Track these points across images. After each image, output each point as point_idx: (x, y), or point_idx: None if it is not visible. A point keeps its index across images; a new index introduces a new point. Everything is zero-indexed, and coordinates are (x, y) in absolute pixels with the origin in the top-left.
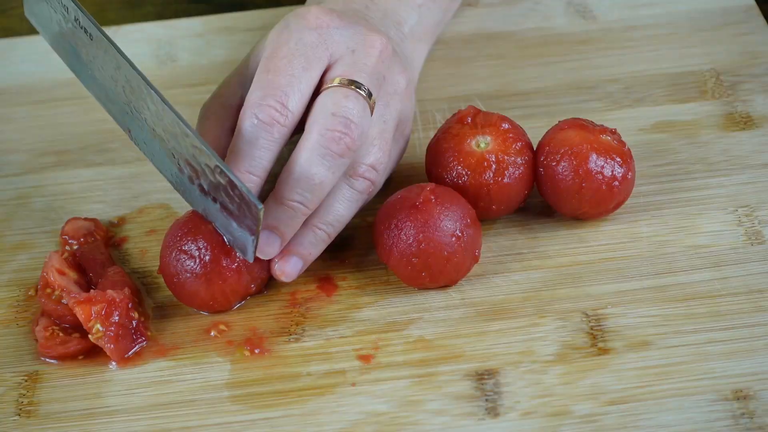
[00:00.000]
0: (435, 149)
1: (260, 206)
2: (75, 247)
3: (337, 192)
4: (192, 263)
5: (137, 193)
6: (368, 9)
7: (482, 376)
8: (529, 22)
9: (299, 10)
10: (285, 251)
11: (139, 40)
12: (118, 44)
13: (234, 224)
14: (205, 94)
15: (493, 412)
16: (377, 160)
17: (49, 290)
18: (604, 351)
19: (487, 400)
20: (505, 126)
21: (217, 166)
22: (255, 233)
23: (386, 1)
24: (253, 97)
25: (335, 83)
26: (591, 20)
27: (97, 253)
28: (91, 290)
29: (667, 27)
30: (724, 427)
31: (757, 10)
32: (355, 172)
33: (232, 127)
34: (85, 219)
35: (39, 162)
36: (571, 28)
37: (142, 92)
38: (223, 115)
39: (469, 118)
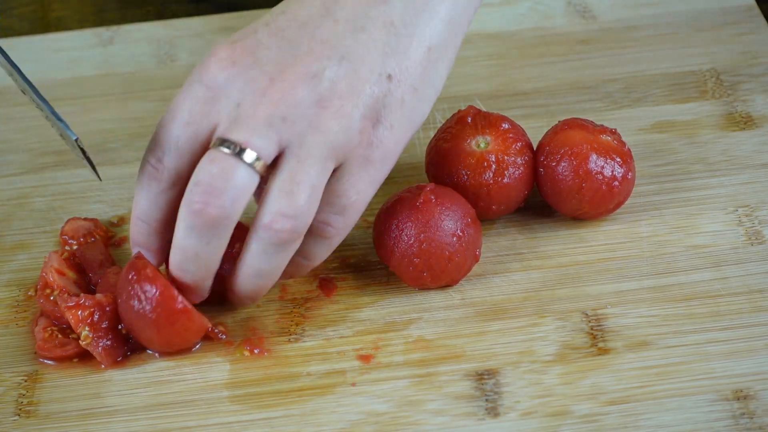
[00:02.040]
0: (435, 149)
1: (74, 136)
2: (75, 247)
3: (247, 246)
4: (141, 308)
5: None
6: (329, 11)
7: (482, 376)
8: (529, 22)
9: (213, 47)
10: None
11: (139, 40)
12: (118, 44)
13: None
14: None
15: (493, 412)
16: (287, 205)
17: (48, 291)
18: (604, 351)
19: (487, 400)
20: (505, 126)
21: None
22: (87, 159)
23: None
24: (146, 148)
25: (212, 147)
26: (591, 20)
27: (96, 253)
28: (81, 296)
29: (667, 27)
30: (724, 427)
31: (757, 10)
32: (258, 224)
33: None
34: (85, 219)
35: (39, 162)
36: (571, 28)
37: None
38: None
39: (469, 118)
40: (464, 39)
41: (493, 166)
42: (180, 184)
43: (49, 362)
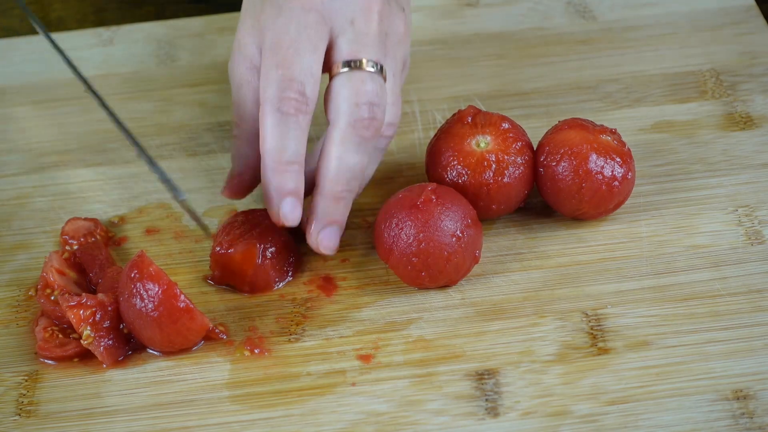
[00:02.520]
0: (435, 149)
1: (183, 196)
2: (75, 247)
3: (349, 147)
4: (143, 306)
5: (137, 193)
6: None
7: (482, 376)
8: (529, 22)
9: None
10: (321, 224)
11: (139, 40)
12: (118, 44)
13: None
14: (205, 94)
15: (493, 412)
16: (394, 115)
17: (48, 291)
18: (604, 351)
19: (487, 400)
20: (505, 126)
21: (147, 160)
22: (196, 218)
23: None
24: (269, 93)
25: (347, 68)
26: (591, 20)
27: (97, 253)
28: (83, 295)
29: (667, 27)
30: (724, 427)
31: (757, 10)
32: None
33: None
34: (85, 219)
35: (39, 162)
36: (571, 28)
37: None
38: (253, 77)
39: (469, 118)
40: (464, 39)
41: (493, 166)
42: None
43: (50, 362)
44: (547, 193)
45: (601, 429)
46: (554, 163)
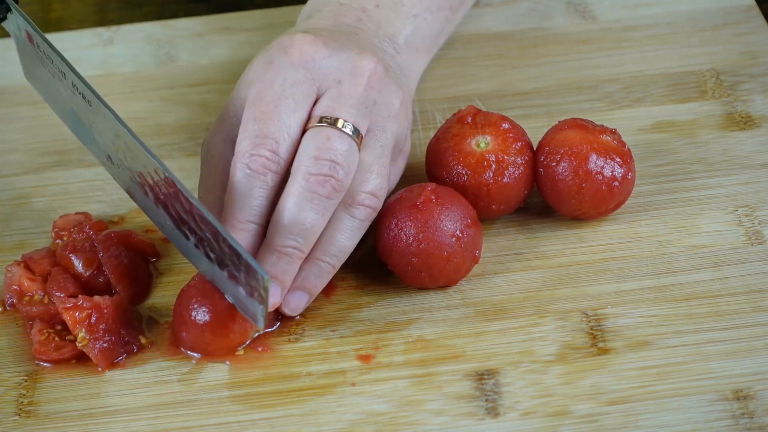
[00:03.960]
0: (435, 149)
1: (266, 277)
2: (65, 239)
3: (337, 223)
4: (202, 319)
5: None
6: (360, 21)
7: (482, 376)
8: (529, 22)
9: (283, 41)
10: (291, 287)
11: (139, 40)
12: (119, 44)
13: (241, 290)
14: (205, 94)
15: (493, 412)
16: (376, 186)
17: (27, 297)
18: (604, 351)
19: (487, 400)
20: (505, 126)
21: (222, 237)
22: (264, 302)
23: (379, 12)
24: (242, 146)
25: (319, 123)
26: (591, 20)
27: (86, 243)
28: (79, 297)
29: (667, 27)
30: (724, 427)
31: (757, 10)
32: (354, 201)
33: None
34: (77, 213)
35: (39, 162)
36: (571, 28)
37: (142, 160)
38: (227, 150)
39: (469, 118)
40: (464, 39)
41: (493, 166)
42: (287, 173)
43: (47, 365)
44: (547, 193)
45: (601, 429)
46: (554, 163)
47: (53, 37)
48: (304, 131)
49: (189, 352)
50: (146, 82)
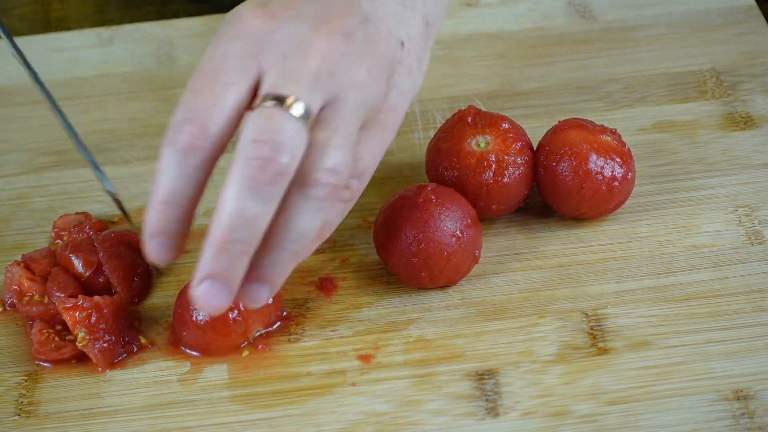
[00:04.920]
0: (435, 149)
1: (112, 188)
2: (65, 239)
3: (292, 207)
4: (203, 318)
5: (137, 193)
6: None
7: (482, 376)
8: (529, 22)
9: (231, 14)
10: (248, 278)
11: (139, 40)
12: (119, 44)
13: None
14: None
15: (493, 412)
16: (336, 162)
17: (27, 297)
18: (604, 351)
19: (487, 400)
20: (505, 126)
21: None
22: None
23: None
24: (174, 119)
25: (260, 103)
26: (591, 20)
27: (86, 243)
28: (79, 297)
29: (667, 27)
30: (724, 427)
31: (757, 10)
32: (307, 180)
33: None
34: (77, 213)
35: (39, 162)
36: (571, 28)
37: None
38: None
39: (469, 118)
40: (464, 39)
41: (493, 166)
42: (220, 153)
43: (47, 365)
44: (547, 193)
45: (601, 429)
46: (554, 163)
47: (53, 37)
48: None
49: (190, 351)
50: (146, 82)
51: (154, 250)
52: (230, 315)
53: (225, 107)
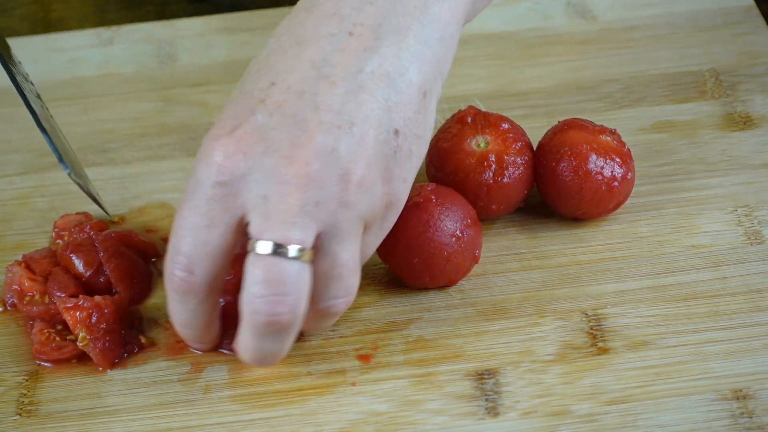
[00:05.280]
0: (435, 149)
1: (67, 170)
2: (66, 239)
3: (317, 325)
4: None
5: (137, 192)
6: (322, 74)
7: (482, 376)
8: (529, 22)
9: (208, 143)
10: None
11: (139, 40)
12: (118, 44)
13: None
14: (205, 94)
15: (493, 411)
16: (345, 287)
17: (28, 297)
18: (604, 351)
19: (487, 399)
20: (505, 126)
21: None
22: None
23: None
24: (165, 263)
25: (254, 251)
26: (591, 20)
27: (87, 244)
28: (79, 297)
29: (667, 27)
30: (724, 426)
31: (757, 11)
32: (319, 313)
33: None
34: (77, 213)
35: (39, 162)
36: (571, 28)
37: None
38: None
39: (469, 118)
40: (464, 39)
41: (493, 166)
42: (217, 288)
43: (47, 365)
44: (547, 193)
45: (601, 429)
46: (554, 164)
47: (53, 38)
48: (245, 252)
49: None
50: (146, 82)
51: (198, 350)
52: None
53: (208, 249)
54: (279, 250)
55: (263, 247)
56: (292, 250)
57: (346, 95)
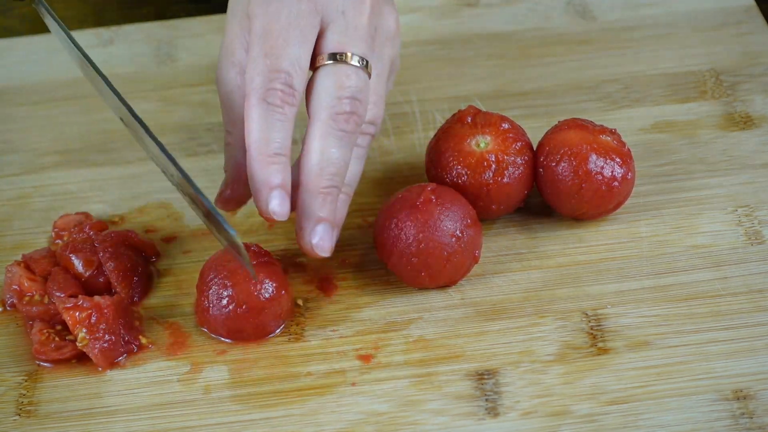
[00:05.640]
0: (435, 149)
1: (233, 232)
2: (65, 239)
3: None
4: (225, 304)
5: (137, 192)
6: None
7: (482, 376)
8: (529, 22)
9: None
10: (311, 224)
11: (139, 40)
12: (118, 44)
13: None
14: (205, 94)
15: (493, 412)
16: (376, 115)
17: (27, 297)
18: (604, 351)
19: (487, 400)
20: (505, 126)
21: (198, 197)
22: (242, 255)
23: None
24: (257, 82)
25: (331, 61)
26: (591, 20)
27: (86, 244)
28: (79, 297)
29: (667, 27)
30: (724, 426)
31: (757, 10)
32: (363, 129)
33: None
34: (77, 213)
35: (39, 162)
36: (571, 28)
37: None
38: (244, 82)
39: (469, 118)
40: (464, 39)
41: (493, 166)
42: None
43: (47, 365)
44: (547, 193)
45: (601, 429)
46: (554, 164)
47: (53, 38)
48: (314, 64)
49: (219, 338)
50: (146, 82)
51: (277, 205)
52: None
53: (302, 63)
54: (351, 60)
55: (341, 58)
56: (360, 61)
57: None
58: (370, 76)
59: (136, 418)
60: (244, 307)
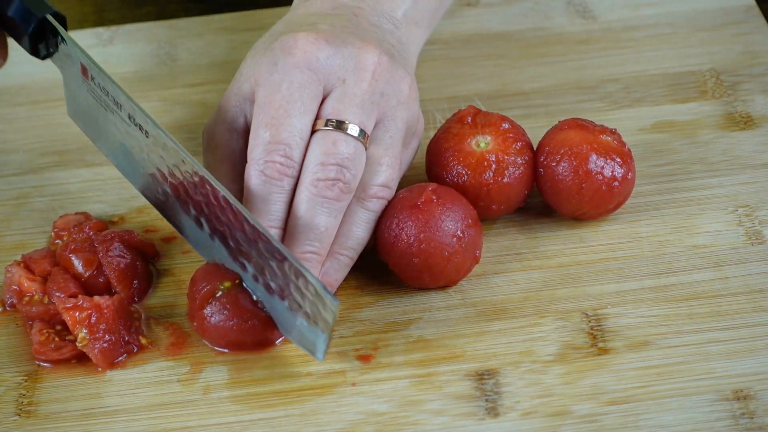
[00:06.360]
0: (435, 149)
1: (336, 303)
2: (65, 239)
3: (352, 216)
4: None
5: (137, 192)
6: None
7: (482, 376)
8: (529, 22)
9: (286, 40)
10: None
11: (139, 40)
12: (118, 44)
13: (302, 321)
14: (205, 94)
15: (493, 412)
16: (387, 178)
17: (27, 297)
18: (604, 351)
19: (487, 400)
20: (505, 126)
21: (291, 265)
22: (327, 329)
23: None
24: (256, 153)
25: (325, 126)
26: (591, 20)
27: (85, 244)
28: (79, 297)
29: (667, 27)
30: (724, 427)
31: (757, 10)
32: (366, 194)
33: (242, 151)
34: (76, 213)
35: (39, 162)
36: (571, 28)
37: (206, 188)
38: (231, 139)
39: (469, 118)
40: (464, 39)
41: (493, 166)
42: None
43: (47, 365)
44: (547, 193)
45: (601, 429)
46: (554, 164)
47: None
48: (313, 127)
49: (218, 348)
50: (146, 82)
51: None
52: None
53: (303, 135)
54: (345, 127)
55: (334, 125)
56: (355, 128)
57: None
58: (367, 141)
59: (136, 418)
60: (249, 323)
